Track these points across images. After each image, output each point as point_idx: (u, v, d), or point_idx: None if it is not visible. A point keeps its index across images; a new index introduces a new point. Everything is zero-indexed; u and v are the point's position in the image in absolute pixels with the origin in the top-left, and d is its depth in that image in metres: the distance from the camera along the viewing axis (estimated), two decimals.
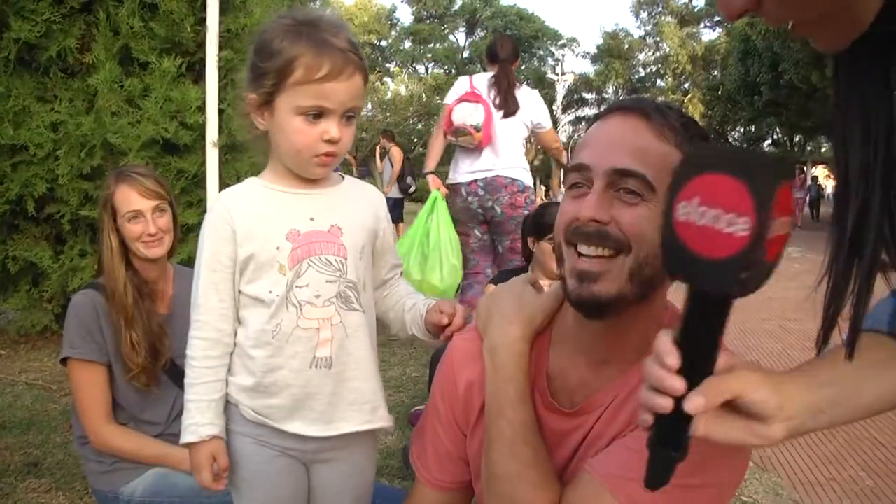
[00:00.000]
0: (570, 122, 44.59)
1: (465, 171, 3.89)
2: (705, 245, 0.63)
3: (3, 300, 4.42)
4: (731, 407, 0.75)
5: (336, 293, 1.28)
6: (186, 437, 1.28)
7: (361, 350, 1.32)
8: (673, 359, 0.71)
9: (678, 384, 0.70)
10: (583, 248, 1.00)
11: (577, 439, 1.08)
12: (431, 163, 4.10)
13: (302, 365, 1.27)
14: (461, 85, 4.00)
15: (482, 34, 45.95)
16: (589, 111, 45.69)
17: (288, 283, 1.25)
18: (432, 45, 46.04)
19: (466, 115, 3.84)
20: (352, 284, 1.30)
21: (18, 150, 4.09)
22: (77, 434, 2.14)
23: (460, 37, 47.32)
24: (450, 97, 4.00)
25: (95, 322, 2.02)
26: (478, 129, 3.80)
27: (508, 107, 3.87)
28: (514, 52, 4.08)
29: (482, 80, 3.96)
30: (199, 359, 1.29)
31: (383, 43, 46.19)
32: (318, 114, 1.21)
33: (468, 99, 3.90)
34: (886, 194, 0.74)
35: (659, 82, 43.94)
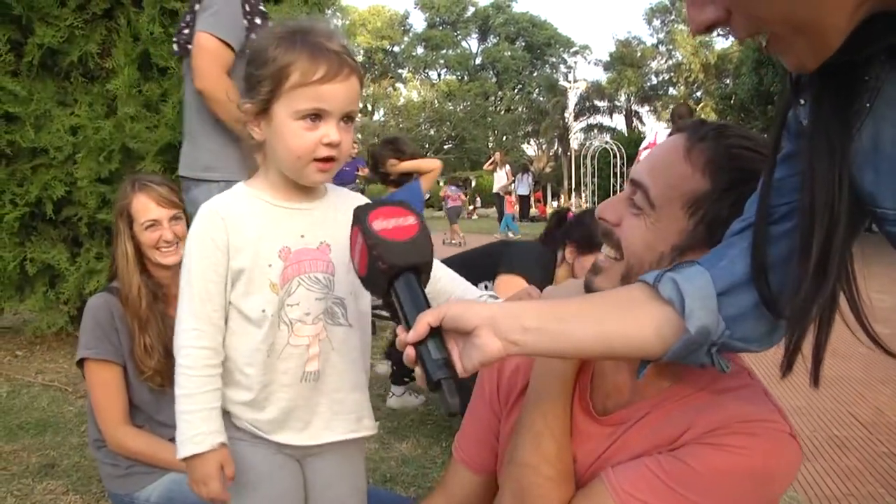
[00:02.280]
0: (581, 129, 44.54)
1: None
2: (400, 234, 1.00)
3: (20, 301, 4.46)
4: (465, 337, 0.91)
5: (324, 309, 1.29)
6: (191, 449, 1.23)
7: (347, 363, 1.34)
8: (400, 329, 0.95)
9: (404, 336, 0.93)
10: (603, 247, 1.08)
11: (600, 447, 1.08)
12: None
13: (292, 380, 1.29)
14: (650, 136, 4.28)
15: (495, 40, 46.03)
16: (601, 119, 45.64)
17: (280, 301, 1.26)
18: (445, 51, 46.13)
19: None
20: (339, 300, 1.31)
21: (38, 153, 4.13)
22: (93, 438, 2.16)
23: (473, 43, 47.41)
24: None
25: (111, 324, 2.05)
26: None
27: None
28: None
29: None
30: (198, 368, 1.26)
31: (396, 48, 46.35)
32: (317, 117, 1.20)
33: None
34: (850, 229, 0.76)
35: (671, 90, 43.85)
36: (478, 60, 46.23)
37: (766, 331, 0.89)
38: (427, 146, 34.97)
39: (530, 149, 44.91)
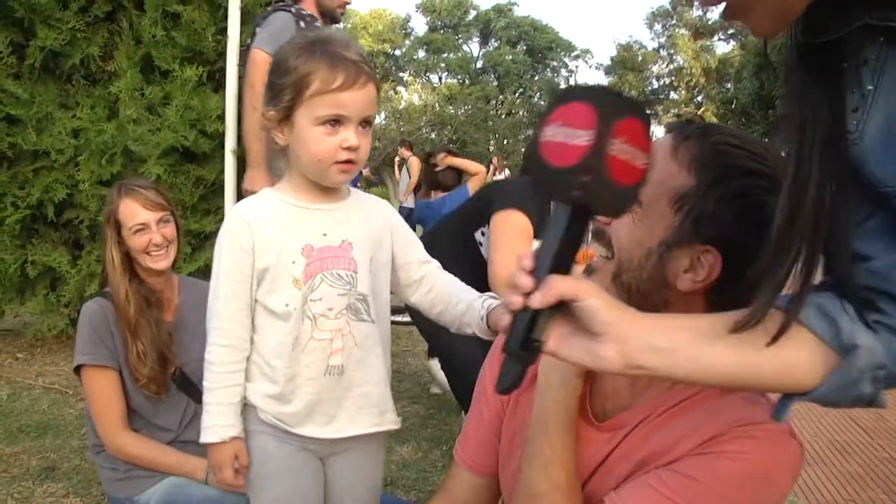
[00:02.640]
0: None
1: None
2: (556, 156, 0.75)
3: (21, 304, 4.45)
4: (581, 330, 0.79)
5: (346, 305, 1.35)
6: (207, 438, 1.34)
7: (371, 357, 1.39)
8: (528, 261, 0.79)
9: (526, 281, 0.77)
10: (596, 247, 1.07)
11: (599, 455, 1.08)
12: None
13: (316, 373, 1.34)
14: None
15: (496, 44, 46.06)
16: None
17: (303, 296, 1.32)
18: (446, 54, 46.15)
19: None
20: (362, 297, 1.36)
21: (40, 155, 4.14)
22: (92, 443, 2.16)
23: (474, 47, 47.44)
24: None
25: (107, 329, 2.04)
26: None
27: None
28: None
29: None
30: (219, 364, 1.35)
31: (397, 52, 46.40)
32: (336, 122, 1.27)
33: None
34: (822, 197, 0.74)
35: (672, 95, 43.87)
36: (479, 64, 46.25)
37: None
38: (428, 149, 34.97)
39: None
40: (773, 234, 0.77)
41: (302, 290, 1.32)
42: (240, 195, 3.96)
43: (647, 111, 0.79)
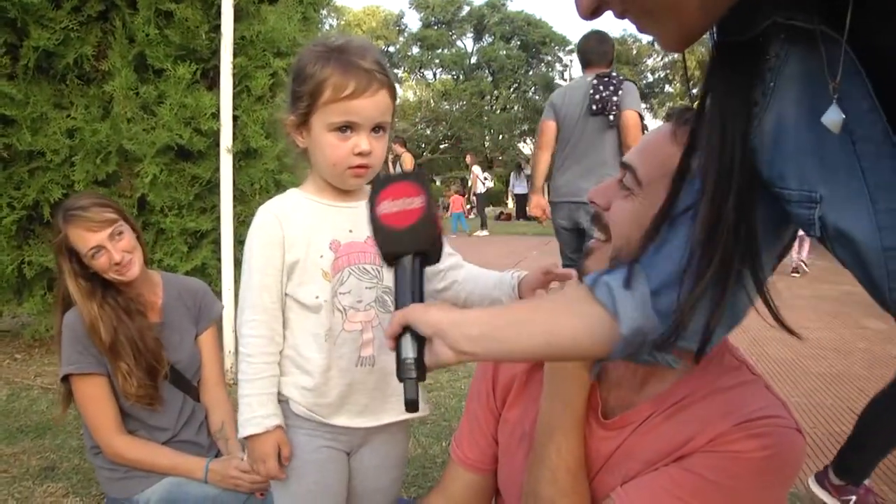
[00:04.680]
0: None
1: None
2: (401, 220, 1.01)
3: (19, 304, 4.45)
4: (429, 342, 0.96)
5: (375, 298, 1.39)
6: (249, 430, 1.36)
7: None
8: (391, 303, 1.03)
9: (387, 329, 0.99)
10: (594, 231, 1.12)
11: (605, 453, 1.08)
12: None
13: (349, 364, 1.39)
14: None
15: (490, 40, 45.98)
16: None
17: (332, 289, 1.37)
18: (440, 50, 46.07)
19: None
20: (388, 289, 1.39)
21: (35, 156, 4.12)
22: (89, 444, 2.15)
23: (468, 42, 47.33)
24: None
25: (89, 337, 2.00)
26: None
27: None
28: None
29: None
30: (256, 355, 1.37)
31: (391, 49, 46.31)
32: (348, 129, 1.32)
33: None
34: (744, 207, 0.77)
35: (668, 88, 43.87)
36: (473, 60, 46.18)
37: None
38: (423, 146, 34.94)
39: (527, 147, 44.90)
40: (692, 244, 0.80)
41: (331, 282, 1.36)
42: (235, 193, 3.96)
43: (409, 174, 1.06)
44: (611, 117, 4.09)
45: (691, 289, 0.80)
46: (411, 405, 0.98)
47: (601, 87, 4.15)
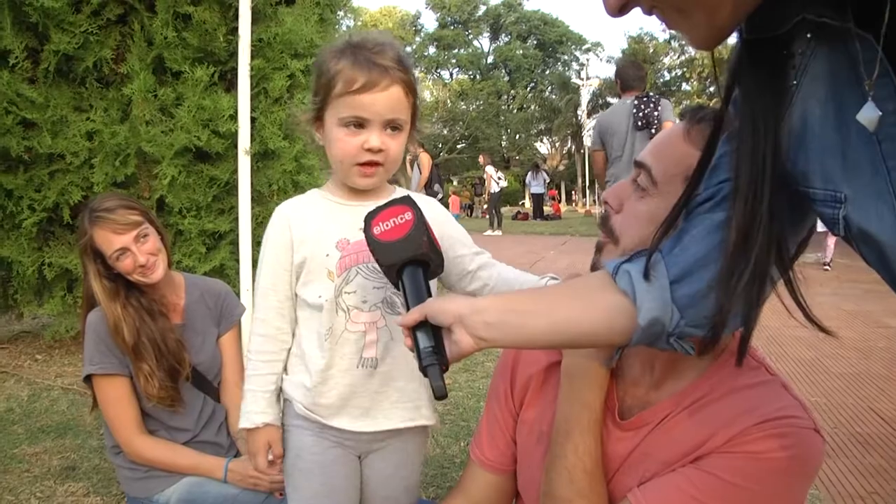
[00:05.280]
0: (594, 126, 44.32)
1: None
2: (394, 234, 1.09)
3: (39, 306, 4.50)
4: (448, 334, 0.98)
5: (382, 298, 1.36)
6: (242, 423, 1.41)
7: (407, 352, 1.39)
8: (403, 311, 1.05)
9: (399, 320, 1.03)
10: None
11: (622, 453, 1.07)
12: None
13: (350, 365, 1.36)
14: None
15: (506, 39, 45.93)
16: None
17: (336, 288, 1.35)
18: (456, 50, 46.09)
19: None
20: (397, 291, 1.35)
21: (55, 158, 4.17)
22: (110, 444, 2.16)
23: (484, 42, 47.33)
24: None
25: (112, 337, 2.02)
26: None
27: None
28: None
29: None
30: (255, 353, 1.41)
31: (408, 49, 46.37)
32: (359, 124, 1.29)
33: None
34: (776, 208, 0.76)
35: (685, 86, 43.56)
36: (490, 59, 46.15)
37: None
38: (440, 146, 34.94)
39: (543, 147, 44.81)
40: (727, 246, 0.79)
41: (335, 281, 1.35)
42: (253, 194, 3.97)
43: (396, 200, 1.13)
44: (653, 130, 4.81)
45: (728, 289, 0.79)
46: (439, 391, 0.98)
47: (642, 106, 4.96)
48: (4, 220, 4.21)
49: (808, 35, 0.70)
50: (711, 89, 43.36)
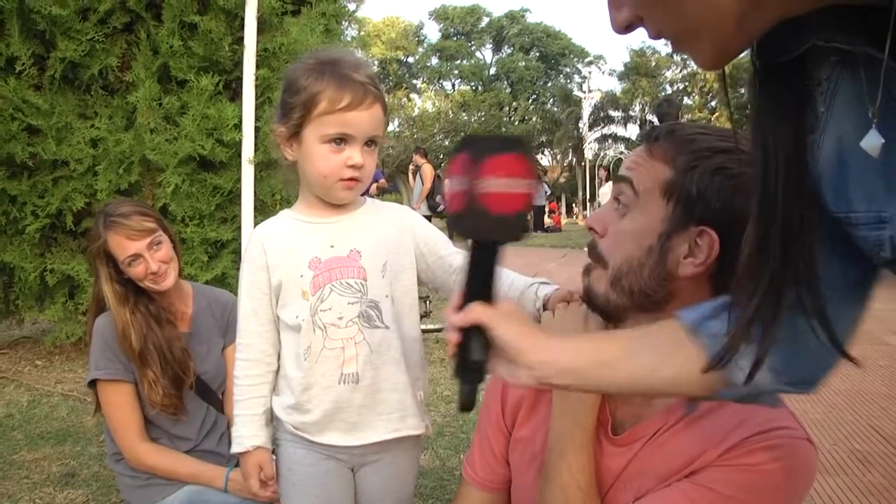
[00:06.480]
0: (596, 139, 44.45)
1: None
2: (502, 205, 0.80)
3: (41, 311, 4.51)
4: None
5: (358, 313, 1.37)
6: (234, 448, 1.43)
7: (387, 363, 1.40)
8: (456, 299, 0.88)
9: (454, 318, 0.86)
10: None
11: (615, 469, 1.07)
12: None
13: (330, 382, 1.37)
14: None
15: (509, 51, 46.12)
16: (615, 129, 45.56)
17: (311, 307, 1.36)
18: (459, 61, 46.28)
19: None
20: (373, 304, 1.38)
21: (59, 165, 4.19)
22: (111, 451, 2.16)
23: (487, 54, 47.53)
24: None
25: (119, 342, 2.01)
26: None
27: None
28: None
29: None
30: (241, 377, 1.42)
31: (410, 59, 46.52)
32: (342, 141, 1.31)
33: None
34: (789, 223, 0.74)
35: (686, 100, 43.72)
36: (492, 71, 46.32)
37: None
38: (442, 156, 35.00)
39: (545, 159, 44.89)
40: (741, 265, 0.77)
41: (310, 301, 1.35)
42: (256, 203, 3.99)
43: (520, 144, 0.82)
44: None
45: (743, 312, 0.76)
46: (468, 405, 0.89)
47: None
48: (7, 226, 4.23)
49: (833, 59, 0.69)
50: (713, 104, 43.55)
